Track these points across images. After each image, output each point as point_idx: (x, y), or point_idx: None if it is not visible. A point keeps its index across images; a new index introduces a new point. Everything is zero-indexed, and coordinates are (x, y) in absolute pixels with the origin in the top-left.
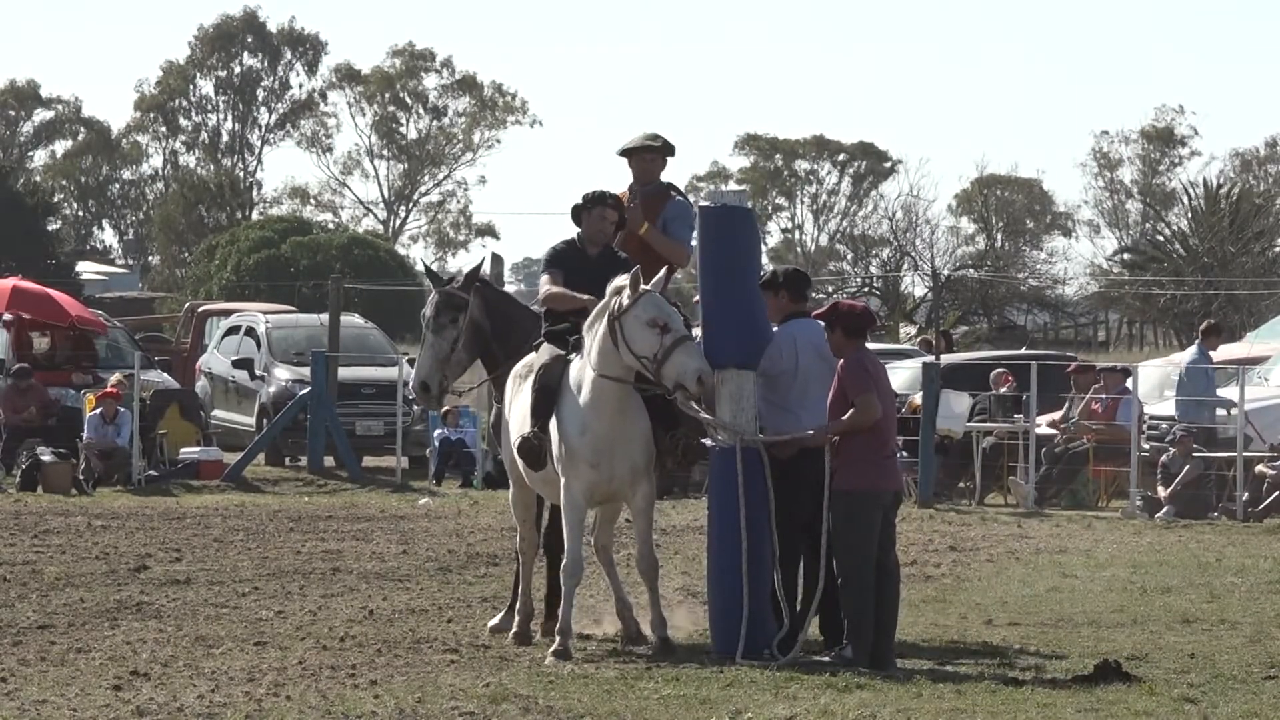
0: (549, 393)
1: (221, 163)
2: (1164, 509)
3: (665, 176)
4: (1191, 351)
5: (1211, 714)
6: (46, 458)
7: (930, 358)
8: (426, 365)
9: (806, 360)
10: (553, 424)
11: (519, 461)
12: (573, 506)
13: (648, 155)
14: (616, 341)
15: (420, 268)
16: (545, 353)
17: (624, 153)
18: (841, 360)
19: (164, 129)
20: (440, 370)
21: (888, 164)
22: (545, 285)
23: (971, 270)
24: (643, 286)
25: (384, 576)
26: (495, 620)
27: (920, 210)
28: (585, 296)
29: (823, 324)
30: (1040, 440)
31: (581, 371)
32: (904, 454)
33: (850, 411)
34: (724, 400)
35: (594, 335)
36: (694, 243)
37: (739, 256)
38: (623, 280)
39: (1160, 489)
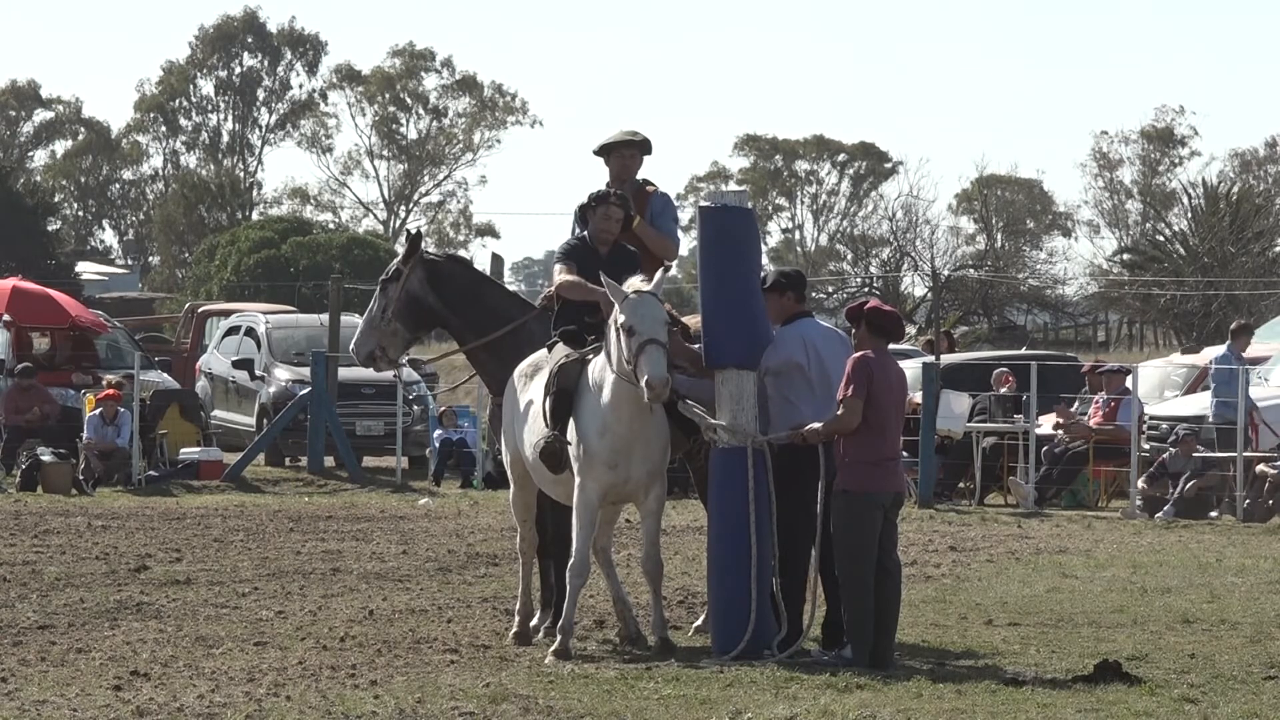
0: (567, 395)
1: (222, 163)
2: (1164, 509)
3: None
4: (1220, 351)
5: (1211, 714)
6: (46, 458)
7: (930, 358)
8: (359, 331)
9: (816, 357)
10: (570, 425)
11: (540, 464)
12: (586, 507)
13: (627, 151)
14: (620, 345)
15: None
16: (559, 352)
17: (602, 150)
18: (851, 358)
19: (164, 129)
20: (370, 336)
21: (888, 164)
22: (559, 274)
23: (971, 270)
24: (635, 287)
25: (384, 576)
26: (534, 621)
27: (920, 210)
28: (599, 289)
29: (849, 320)
30: (1040, 440)
31: (601, 372)
32: (904, 454)
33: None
34: (724, 400)
35: (609, 337)
36: (679, 234)
37: (739, 256)
38: (636, 282)
39: (1144, 483)
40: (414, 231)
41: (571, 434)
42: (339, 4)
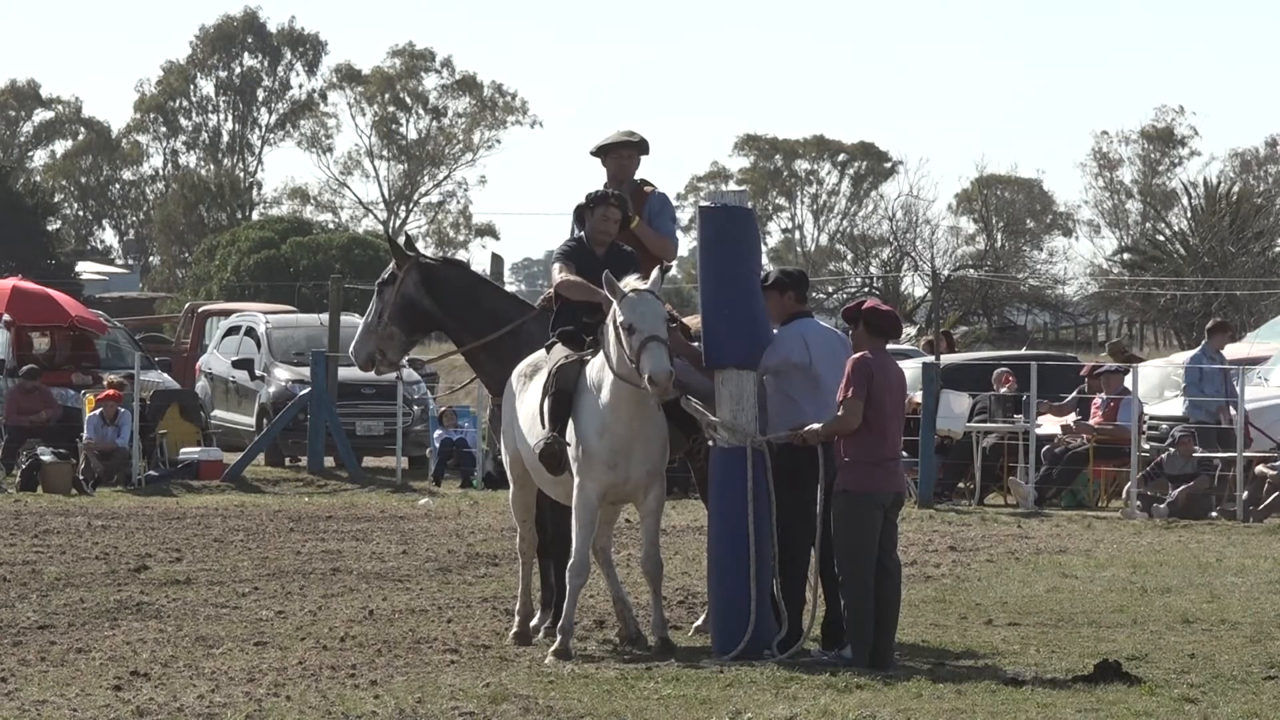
0: (566, 396)
1: (221, 163)
2: (1154, 504)
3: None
4: (1196, 350)
5: (1211, 714)
6: (46, 458)
7: (930, 358)
8: (358, 334)
9: (818, 355)
10: (569, 425)
11: (539, 465)
12: (586, 507)
13: (625, 152)
14: (621, 344)
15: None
16: (558, 353)
17: (599, 150)
18: (851, 358)
19: (164, 129)
20: (368, 340)
21: (888, 164)
22: (558, 274)
23: (971, 270)
24: (632, 286)
25: (384, 576)
26: (534, 621)
27: (920, 210)
28: (600, 291)
29: (846, 321)
30: (1040, 440)
31: (600, 372)
32: (904, 454)
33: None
34: (724, 400)
35: (608, 336)
36: (677, 234)
37: (739, 257)
38: (632, 281)
39: (1139, 484)
40: (405, 235)
41: (570, 435)
42: (339, 4)
